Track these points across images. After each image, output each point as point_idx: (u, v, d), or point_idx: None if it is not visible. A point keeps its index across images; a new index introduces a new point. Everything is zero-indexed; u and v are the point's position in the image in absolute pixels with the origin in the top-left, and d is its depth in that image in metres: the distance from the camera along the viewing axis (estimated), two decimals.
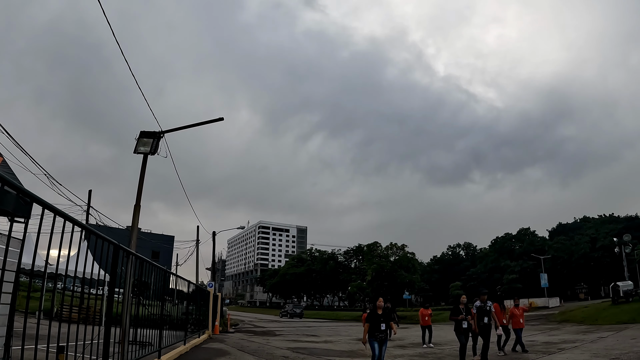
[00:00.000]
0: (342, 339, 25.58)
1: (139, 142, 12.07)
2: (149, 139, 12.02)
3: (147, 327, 10.46)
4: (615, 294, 37.43)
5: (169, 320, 13.43)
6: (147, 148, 11.92)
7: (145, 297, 11.28)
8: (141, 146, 12.00)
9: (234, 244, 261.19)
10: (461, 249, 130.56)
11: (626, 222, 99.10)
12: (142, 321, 10.26)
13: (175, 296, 13.60)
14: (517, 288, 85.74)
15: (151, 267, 10.19)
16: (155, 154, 12.08)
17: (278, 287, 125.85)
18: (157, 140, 12.03)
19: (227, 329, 29.41)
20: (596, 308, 38.32)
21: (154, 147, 11.98)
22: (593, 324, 28.69)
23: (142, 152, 11.96)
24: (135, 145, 12.08)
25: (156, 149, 12.04)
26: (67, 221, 4.58)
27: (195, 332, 19.91)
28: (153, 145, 11.95)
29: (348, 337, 26.94)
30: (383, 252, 56.41)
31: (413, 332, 28.74)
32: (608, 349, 16.10)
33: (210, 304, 23.51)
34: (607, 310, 34.11)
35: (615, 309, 33.65)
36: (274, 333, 30.29)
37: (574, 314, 36.72)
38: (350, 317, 61.91)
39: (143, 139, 12.06)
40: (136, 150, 12.04)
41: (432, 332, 21.40)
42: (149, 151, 11.88)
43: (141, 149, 11.98)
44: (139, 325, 9.99)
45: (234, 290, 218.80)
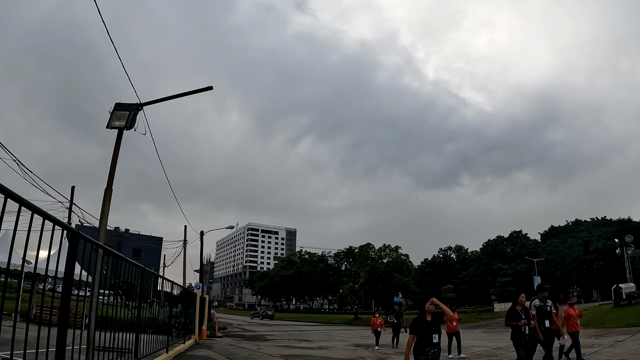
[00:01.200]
0: (338, 345, 24.01)
1: (113, 116, 10.36)
2: (124, 112, 10.37)
3: (122, 332, 8.89)
4: (617, 297, 36.27)
5: (150, 324, 11.81)
6: (122, 122, 10.25)
7: (123, 298, 9.80)
8: (115, 120, 10.31)
9: (222, 246, 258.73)
10: (452, 251, 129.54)
11: (619, 225, 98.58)
12: (117, 325, 8.70)
13: (154, 297, 11.94)
14: (510, 291, 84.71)
15: (126, 265, 8.61)
16: (133, 130, 10.41)
17: (267, 289, 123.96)
18: (134, 114, 10.36)
19: (215, 333, 27.71)
20: (598, 311, 37.18)
21: (131, 121, 10.31)
22: (601, 328, 27.39)
23: (117, 126, 10.25)
24: (109, 118, 10.41)
25: (133, 123, 10.34)
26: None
27: (180, 337, 18.28)
28: (129, 118, 10.28)
29: (344, 343, 25.37)
30: (376, 254, 54.77)
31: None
32: (634, 354, 14.76)
33: (196, 307, 21.81)
34: (611, 313, 32.95)
35: (619, 312, 32.50)
36: (264, 338, 28.62)
37: None
38: (342, 321, 60.41)
39: (118, 112, 10.40)
40: (110, 125, 10.33)
41: (461, 340, 18.25)
42: (125, 125, 10.19)
43: (115, 124, 10.27)
44: (112, 329, 8.43)
45: (223, 292, 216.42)
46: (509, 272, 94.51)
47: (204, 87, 11.91)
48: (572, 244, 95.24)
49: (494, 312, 59.34)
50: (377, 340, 22.45)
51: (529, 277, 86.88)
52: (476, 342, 23.05)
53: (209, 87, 11.80)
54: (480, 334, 30.33)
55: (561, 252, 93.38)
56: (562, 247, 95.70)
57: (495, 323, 43.89)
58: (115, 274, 8.37)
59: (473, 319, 51.67)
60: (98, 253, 7.24)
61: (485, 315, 56.52)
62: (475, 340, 24.91)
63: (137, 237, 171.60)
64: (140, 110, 10.46)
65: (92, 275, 7.69)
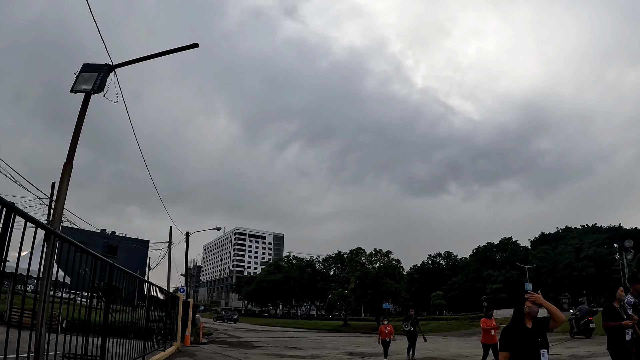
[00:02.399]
0: (331, 354, 22.48)
1: (80, 78, 8.82)
2: (92, 74, 8.84)
3: (87, 336, 7.42)
4: None
5: (122, 328, 10.28)
6: (89, 85, 8.73)
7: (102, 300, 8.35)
8: (82, 83, 8.75)
9: (209, 250, 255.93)
10: (442, 258, 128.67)
11: (609, 232, 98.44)
12: (81, 328, 7.23)
13: (124, 298, 10.38)
14: (501, 298, 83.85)
15: (92, 260, 7.10)
16: (102, 95, 8.86)
17: (254, 294, 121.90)
18: (103, 75, 8.82)
19: (199, 340, 26.02)
20: (597, 318, 35.97)
21: (100, 83, 8.75)
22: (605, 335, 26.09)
23: (83, 90, 8.71)
24: (74, 81, 8.86)
25: (102, 86, 8.75)
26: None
27: (161, 343, 16.70)
28: (98, 80, 8.73)
29: (336, 351, 23.84)
30: (367, 259, 53.36)
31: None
32: None
33: (179, 311, 20.17)
34: None
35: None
36: (251, 345, 27.01)
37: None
38: (331, 327, 58.92)
39: (85, 73, 8.86)
40: (75, 88, 8.76)
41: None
42: (92, 89, 8.65)
43: (82, 87, 8.72)
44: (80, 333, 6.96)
45: (209, 297, 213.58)
46: (500, 279, 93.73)
47: (188, 45, 10.48)
48: (563, 250, 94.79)
49: None
50: (386, 352, 19.26)
51: (520, 284, 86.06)
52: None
53: (194, 44, 10.38)
54: (479, 342, 28.92)
55: (552, 259, 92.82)
56: (553, 254, 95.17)
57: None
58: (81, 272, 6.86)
59: (466, 326, 50.39)
60: (50, 241, 5.78)
61: (477, 322, 55.12)
62: (478, 349, 23.52)
63: (123, 239, 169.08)
64: (111, 72, 8.93)
65: (46, 270, 6.18)
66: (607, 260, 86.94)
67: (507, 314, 63.29)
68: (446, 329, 46.91)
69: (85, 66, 9.04)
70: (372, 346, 27.34)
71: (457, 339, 31.85)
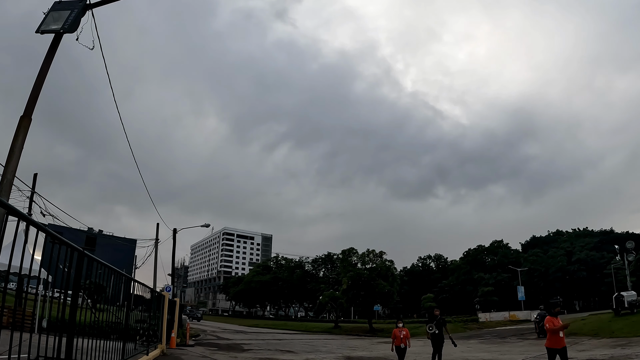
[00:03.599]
0: (327, 357, 21.10)
1: (49, 18, 7.34)
2: (64, 12, 7.36)
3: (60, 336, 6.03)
4: (619, 305, 34.29)
5: (94, 327, 8.81)
6: (59, 24, 7.26)
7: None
8: (52, 23, 7.30)
9: (197, 250, 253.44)
10: (432, 260, 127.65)
11: (601, 235, 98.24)
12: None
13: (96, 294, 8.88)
14: (493, 301, 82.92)
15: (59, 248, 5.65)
16: (75, 38, 7.41)
17: (242, 295, 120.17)
18: (77, 14, 7.33)
19: (186, 342, 24.45)
20: (599, 320, 35.11)
21: (72, 23, 7.27)
22: (613, 337, 25.14)
23: (52, 30, 7.24)
24: (42, 20, 7.36)
25: (74, 26, 7.30)
26: None
27: (144, 346, 15.21)
28: (70, 19, 7.26)
29: (332, 355, 22.45)
30: (359, 259, 52.01)
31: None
32: None
33: (164, 311, 18.62)
34: (615, 322, 30.82)
35: (625, 321, 30.45)
36: (241, 347, 25.52)
37: (575, 327, 33.17)
38: (321, 329, 57.41)
39: (55, 12, 7.38)
40: (41, 29, 7.30)
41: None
42: (61, 28, 7.18)
43: (51, 27, 7.28)
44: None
45: (196, 297, 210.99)
46: (491, 282, 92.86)
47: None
48: (555, 254, 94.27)
49: (480, 322, 57.09)
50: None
51: (512, 287, 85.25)
52: (496, 356, 20.45)
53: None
54: (479, 344, 27.65)
55: (544, 262, 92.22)
56: (545, 257, 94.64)
57: (486, 333, 41.41)
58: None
59: (460, 329, 49.12)
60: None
61: (471, 325, 54.17)
62: (482, 352, 22.36)
63: (111, 238, 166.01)
64: (87, 11, 7.46)
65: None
66: (599, 263, 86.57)
67: (500, 317, 62.44)
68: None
69: (56, 4, 7.55)
70: (368, 350, 26.03)
71: (460, 342, 30.55)
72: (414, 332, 46.21)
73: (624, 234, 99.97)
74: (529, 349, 23.16)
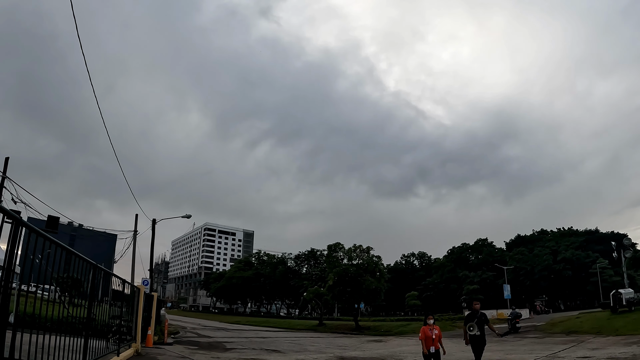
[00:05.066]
0: (318, 358, 19.39)
1: None
2: None
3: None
4: (616, 303, 33.34)
5: (44, 323, 7.00)
6: None
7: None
8: None
9: (178, 245, 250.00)
10: (415, 258, 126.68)
11: (586, 235, 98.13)
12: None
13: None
14: (479, 299, 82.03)
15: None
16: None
17: (223, 291, 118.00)
18: None
19: (164, 340, 22.58)
20: (595, 318, 34.09)
21: None
22: (620, 335, 23.93)
23: None
24: None
25: None
26: None
27: (117, 344, 13.39)
28: None
29: (323, 355, 20.72)
30: (346, 254, 50.38)
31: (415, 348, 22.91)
32: None
33: (139, 307, 16.69)
34: (615, 320, 29.76)
35: (625, 319, 29.43)
36: (223, 346, 23.70)
37: (573, 325, 32.15)
38: (305, 326, 55.75)
39: None
40: None
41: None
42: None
43: None
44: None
45: (177, 293, 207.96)
46: (476, 280, 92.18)
47: None
48: (540, 253, 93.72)
49: None
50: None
51: (497, 285, 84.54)
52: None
53: None
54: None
55: (530, 261, 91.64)
56: (530, 255, 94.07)
57: None
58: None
59: (449, 327, 47.77)
60: None
61: (459, 323, 52.88)
62: (485, 352, 20.83)
63: (91, 232, 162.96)
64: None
65: None
66: (585, 263, 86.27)
67: (488, 315, 61.28)
68: None
69: None
70: (360, 349, 24.42)
71: (450, 340, 29.11)
72: (401, 330, 44.91)
73: (609, 233, 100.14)
74: (533, 347, 21.80)
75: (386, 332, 43.58)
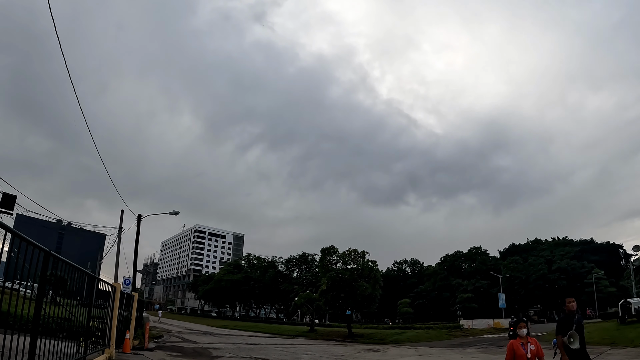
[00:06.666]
0: None
1: None
2: None
3: None
4: (625, 312, 31.87)
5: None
6: None
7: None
8: None
9: (167, 247, 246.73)
10: (407, 265, 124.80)
11: (581, 245, 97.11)
12: None
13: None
14: (472, 308, 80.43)
15: None
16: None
17: (211, 294, 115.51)
18: None
19: (144, 345, 20.55)
20: (603, 328, 32.59)
21: None
22: (637, 346, 22.30)
23: None
24: None
25: None
26: None
27: (91, 349, 11.48)
28: None
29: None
30: (340, 258, 48.49)
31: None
32: None
33: (115, 306, 14.69)
34: (628, 331, 28.53)
35: (637, 329, 28.05)
36: (209, 353, 21.72)
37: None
38: (295, 332, 53.73)
39: None
40: None
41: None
42: None
43: None
44: None
45: (165, 295, 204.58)
46: (469, 288, 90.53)
47: None
48: (534, 262, 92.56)
49: (463, 329, 54.18)
50: None
51: (491, 294, 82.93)
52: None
53: None
54: (482, 354, 24.26)
55: (524, 270, 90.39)
56: (525, 265, 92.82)
57: (477, 341, 38.27)
58: None
59: (445, 336, 46.17)
60: None
61: (456, 332, 51.25)
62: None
63: (80, 231, 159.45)
64: None
65: None
66: (580, 273, 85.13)
67: (484, 324, 59.54)
68: (425, 339, 42.51)
69: None
70: (358, 359, 22.51)
71: (451, 350, 27.35)
72: (396, 338, 43.05)
73: (604, 244, 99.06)
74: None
75: (380, 340, 41.70)
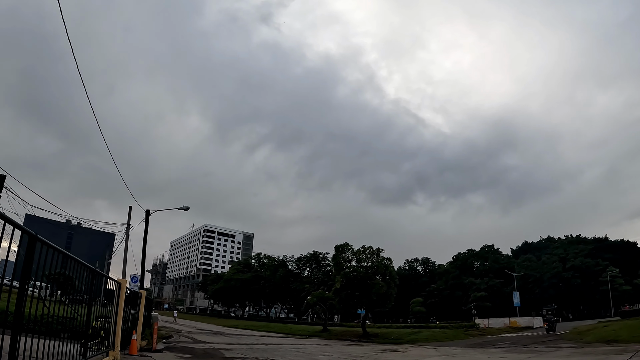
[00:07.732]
0: None
1: None
2: None
3: None
4: None
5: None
6: None
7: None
8: None
9: (176, 246, 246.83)
10: (419, 264, 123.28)
11: (595, 243, 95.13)
12: None
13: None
14: (486, 306, 78.95)
15: None
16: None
17: (221, 293, 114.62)
18: None
19: (152, 346, 19.39)
20: (628, 326, 31.22)
21: None
22: None
23: None
24: None
25: None
26: None
27: (98, 350, 10.35)
28: None
29: None
30: (354, 256, 47.21)
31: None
32: None
33: (120, 305, 13.52)
34: None
35: None
36: (221, 355, 20.53)
37: (607, 334, 28.80)
38: (308, 332, 52.53)
39: None
40: None
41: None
42: None
43: None
44: None
45: (174, 295, 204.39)
46: (482, 287, 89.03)
47: None
48: (548, 260, 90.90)
49: (480, 328, 52.80)
50: None
51: (505, 293, 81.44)
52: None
53: None
54: (507, 354, 22.79)
55: (538, 268, 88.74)
56: (539, 263, 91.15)
57: (496, 340, 36.81)
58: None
59: (462, 336, 44.80)
60: None
61: (472, 331, 49.84)
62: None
63: (89, 231, 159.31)
64: None
65: None
66: (594, 271, 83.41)
67: (500, 323, 58.05)
68: (442, 339, 41.10)
69: None
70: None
71: (474, 350, 25.92)
72: (412, 338, 41.67)
73: (619, 241, 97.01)
74: (581, 359, 18.56)
75: (397, 340, 40.35)
